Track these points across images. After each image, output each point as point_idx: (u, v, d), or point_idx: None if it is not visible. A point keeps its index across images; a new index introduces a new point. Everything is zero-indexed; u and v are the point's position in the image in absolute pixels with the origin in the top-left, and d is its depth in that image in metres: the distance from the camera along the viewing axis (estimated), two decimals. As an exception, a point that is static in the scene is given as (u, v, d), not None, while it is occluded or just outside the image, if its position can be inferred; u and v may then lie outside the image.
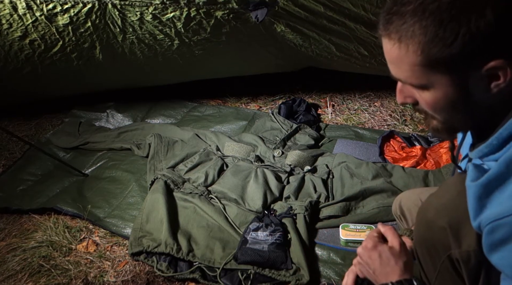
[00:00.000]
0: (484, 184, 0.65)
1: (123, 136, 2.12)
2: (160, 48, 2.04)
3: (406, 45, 0.65)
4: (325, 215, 1.58)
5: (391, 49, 0.67)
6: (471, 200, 0.67)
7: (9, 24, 1.83)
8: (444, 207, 0.86)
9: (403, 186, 1.64)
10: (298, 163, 1.82)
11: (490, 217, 0.63)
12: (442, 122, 0.72)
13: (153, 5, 1.80)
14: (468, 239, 0.79)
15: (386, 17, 0.67)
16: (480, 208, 0.66)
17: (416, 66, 0.66)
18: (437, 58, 0.63)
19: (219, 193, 1.67)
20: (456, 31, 0.60)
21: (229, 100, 2.52)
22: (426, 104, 0.70)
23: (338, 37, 1.97)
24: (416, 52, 0.64)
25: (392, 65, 0.70)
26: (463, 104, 0.67)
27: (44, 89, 2.36)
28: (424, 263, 0.96)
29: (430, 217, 0.89)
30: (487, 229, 0.63)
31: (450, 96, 0.66)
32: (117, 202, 1.76)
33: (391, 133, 2.00)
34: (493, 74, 0.62)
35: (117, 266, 1.48)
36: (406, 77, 0.69)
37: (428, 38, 0.62)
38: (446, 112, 0.70)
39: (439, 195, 0.91)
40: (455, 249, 0.82)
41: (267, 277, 1.37)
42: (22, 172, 2.00)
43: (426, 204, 0.93)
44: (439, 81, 0.66)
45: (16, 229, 1.68)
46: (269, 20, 1.89)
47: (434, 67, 0.64)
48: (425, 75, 0.66)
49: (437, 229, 0.85)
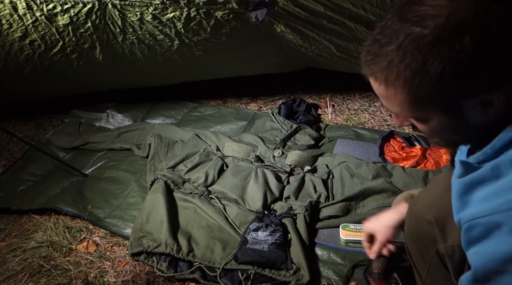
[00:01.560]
0: (466, 183, 0.67)
1: (123, 137, 2.12)
2: (160, 48, 2.04)
3: (393, 86, 0.64)
4: (325, 215, 1.58)
5: (379, 88, 0.67)
6: (454, 196, 0.70)
7: (9, 24, 1.83)
8: (432, 202, 0.89)
9: (403, 186, 1.64)
10: (298, 163, 1.82)
11: (467, 216, 0.65)
12: (442, 141, 0.75)
13: (153, 5, 1.80)
14: (453, 234, 0.81)
15: (368, 57, 0.66)
16: (461, 205, 0.68)
17: (406, 103, 0.66)
18: (425, 96, 0.63)
19: (219, 193, 1.67)
20: (440, 69, 0.59)
21: (229, 101, 2.52)
22: (423, 130, 0.72)
23: (338, 38, 1.97)
24: (404, 92, 0.64)
25: (383, 101, 0.70)
26: (460, 128, 0.68)
27: (44, 90, 2.36)
28: (415, 259, 1.00)
29: (418, 211, 0.92)
30: (464, 227, 0.66)
31: (446, 124, 0.68)
32: (117, 202, 1.76)
33: (391, 133, 2.00)
34: (486, 101, 0.63)
35: (117, 266, 1.48)
36: (399, 111, 0.69)
37: (413, 78, 0.62)
38: (445, 135, 0.72)
39: (428, 190, 0.95)
40: (441, 244, 0.85)
41: (267, 277, 1.37)
42: (22, 172, 2.00)
43: (415, 199, 0.97)
44: (432, 114, 0.67)
45: (16, 229, 1.68)
46: (269, 20, 1.89)
47: (424, 103, 0.65)
48: (416, 110, 0.67)
49: (425, 223, 0.88)
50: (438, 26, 0.58)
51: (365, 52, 0.67)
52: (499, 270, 0.62)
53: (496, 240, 0.61)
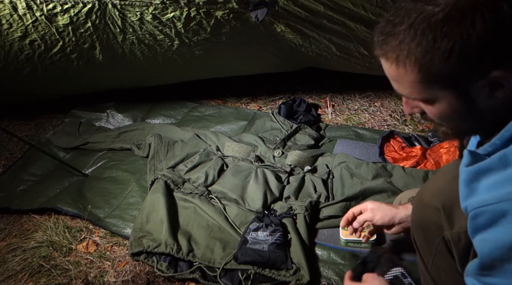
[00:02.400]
0: (474, 171, 0.68)
1: (123, 137, 2.12)
2: (160, 48, 2.04)
3: (404, 64, 0.66)
4: (325, 215, 1.58)
5: (390, 69, 0.69)
6: (461, 183, 0.70)
7: (9, 24, 1.83)
8: (439, 190, 0.89)
9: (403, 186, 1.64)
10: (298, 163, 1.82)
11: (474, 204, 0.66)
12: (450, 128, 0.75)
13: (153, 5, 1.80)
14: (460, 221, 0.82)
15: (380, 38, 0.68)
16: (468, 193, 0.68)
17: (416, 83, 0.67)
18: (435, 75, 0.64)
19: (219, 193, 1.67)
20: (450, 47, 0.60)
21: (229, 100, 2.52)
22: (432, 115, 0.72)
23: (338, 37, 1.97)
24: (414, 71, 0.65)
25: (394, 83, 0.72)
26: (468, 113, 0.69)
27: (44, 90, 2.36)
28: (421, 247, 1.00)
29: (425, 199, 0.93)
30: (471, 214, 0.67)
31: (455, 107, 0.68)
32: (117, 202, 1.76)
33: (391, 133, 2.00)
34: (495, 82, 0.63)
35: (117, 266, 1.48)
36: (409, 93, 0.71)
37: (424, 56, 0.63)
38: (453, 121, 0.72)
39: (435, 179, 0.96)
40: (447, 230, 0.85)
41: (267, 277, 1.37)
42: (22, 172, 2.00)
43: (423, 188, 0.98)
44: (441, 94, 0.67)
45: (16, 229, 1.68)
46: (269, 20, 1.89)
47: (433, 83, 0.66)
48: (426, 90, 0.68)
49: (431, 210, 0.89)
50: (449, 4, 0.60)
51: (378, 33, 0.69)
52: (505, 258, 0.63)
53: (503, 228, 0.62)
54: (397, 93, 0.74)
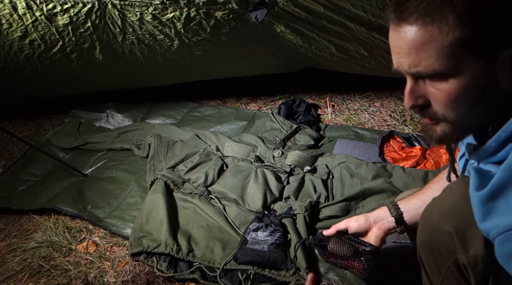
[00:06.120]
0: (488, 194, 0.64)
1: (123, 137, 2.12)
2: (160, 48, 2.04)
3: (435, 26, 0.63)
4: (325, 215, 1.58)
5: (415, 35, 0.65)
6: (476, 207, 0.66)
7: (9, 24, 1.83)
8: (449, 211, 0.83)
9: (403, 186, 1.64)
10: (298, 163, 1.82)
11: (501, 227, 0.62)
12: (453, 122, 0.70)
13: (153, 5, 1.80)
14: (475, 244, 0.77)
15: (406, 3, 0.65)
16: (485, 214, 0.64)
17: (444, 48, 0.63)
18: (467, 38, 0.62)
19: (219, 193, 1.68)
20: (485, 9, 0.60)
21: (229, 101, 2.52)
22: (445, 97, 0.67)
23: (338, 38, 1.97)
24: (446, 33, 0.62)
25: (412, 55, 0.67)
26: (486, 92, 0.65)
27: (44, 90, 2.36)
28: (428, 267, 0.94)
29: (434, 221, 0.86)
30: (499, 239, 0.62)
31: (477, 81, 0.64)
32: (117, 202, 1.76)
33: (391, 133, 2.00)
34: None
35: (117, 267, 1.48)
36: (429, 64, 0.65)
37: (458, 18, 0.61)
38: (464, 107, 0.68)
39: (443, 198, 0.89)
40: (461, 255, 0.80)
41: (267, 277, 1.37)
42: (22, 172, 2.00)
43: (430, 207, 0.90)
44: (466, 64, 0.64)
45: (16, 229, 1.68)
46: (269, 20, 1.89)
47: (463, 47, 0.63)
48: (452, 58, 0.64)
49: (442, 233, 0.83)
50: None
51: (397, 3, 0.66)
52: None
53: None
54: (406, 74, 0.69)
